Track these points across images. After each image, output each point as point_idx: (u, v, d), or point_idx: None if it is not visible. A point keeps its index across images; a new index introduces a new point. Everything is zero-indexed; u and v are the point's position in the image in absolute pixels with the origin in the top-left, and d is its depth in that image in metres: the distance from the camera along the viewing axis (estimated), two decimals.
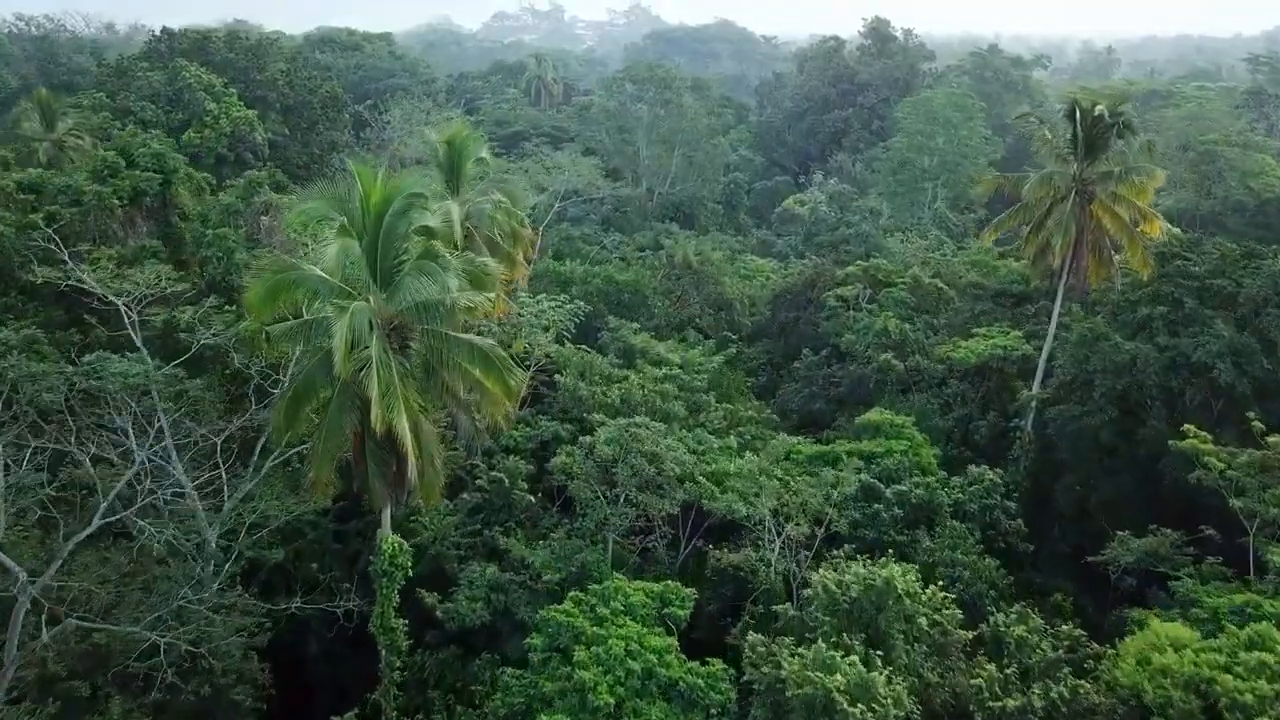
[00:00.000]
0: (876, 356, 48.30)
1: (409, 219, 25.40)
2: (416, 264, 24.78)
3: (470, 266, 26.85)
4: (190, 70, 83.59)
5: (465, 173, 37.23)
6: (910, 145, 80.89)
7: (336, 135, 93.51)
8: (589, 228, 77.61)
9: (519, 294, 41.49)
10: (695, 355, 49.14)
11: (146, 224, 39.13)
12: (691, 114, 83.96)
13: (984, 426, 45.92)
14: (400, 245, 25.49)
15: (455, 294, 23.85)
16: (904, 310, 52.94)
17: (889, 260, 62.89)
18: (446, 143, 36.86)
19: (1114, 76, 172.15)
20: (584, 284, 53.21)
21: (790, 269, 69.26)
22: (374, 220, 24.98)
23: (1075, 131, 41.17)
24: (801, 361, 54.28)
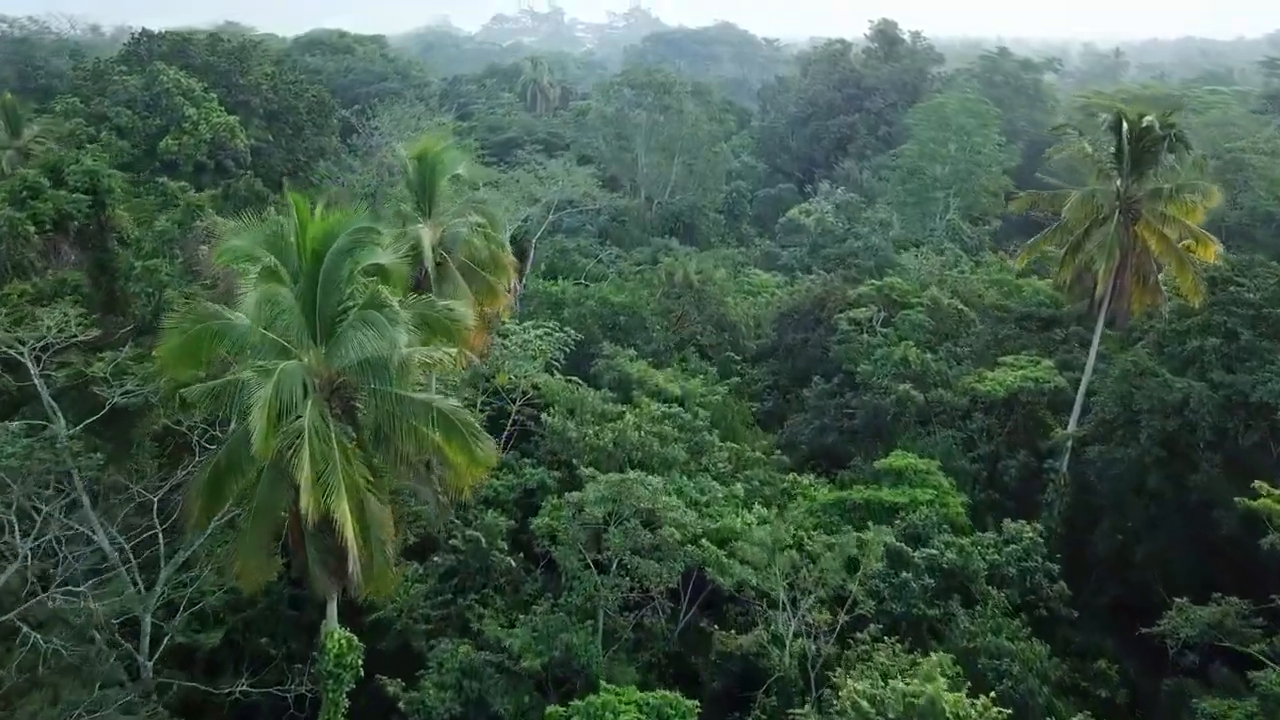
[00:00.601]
0: (894, 387, 43.75)
1: (355, 258, 20.91)
2: (360, 314, 20.29)
3: (432, 312, 22.37)
4: (169, 74, 78.98)
5: (439, 192, 32.71)
6: (921, 153, 76.33)
7: (324, 141, 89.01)
8: (585, 239, 73.10)
9: (503, 323, 36.92)
10: (696, 385, 44.67)
11: (76, 253, 34.69)
12: (692, 120, 79.42)
13: (1014, 467, 41.41)
14: (344, 290, 21.03)
15: (406, 350, 19.32)
16: (922, 335, 48.43)
17: (903, 277, 58.34)
18: (417, 159, 32.35)
19: (1122, 80, 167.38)
20: (576, 306, 48.70)
21: (797, 285, 64.71)
22: (311, 261, 20.49)
23: (1120, 145, 36.60)
24: (812, 389, 49.74)
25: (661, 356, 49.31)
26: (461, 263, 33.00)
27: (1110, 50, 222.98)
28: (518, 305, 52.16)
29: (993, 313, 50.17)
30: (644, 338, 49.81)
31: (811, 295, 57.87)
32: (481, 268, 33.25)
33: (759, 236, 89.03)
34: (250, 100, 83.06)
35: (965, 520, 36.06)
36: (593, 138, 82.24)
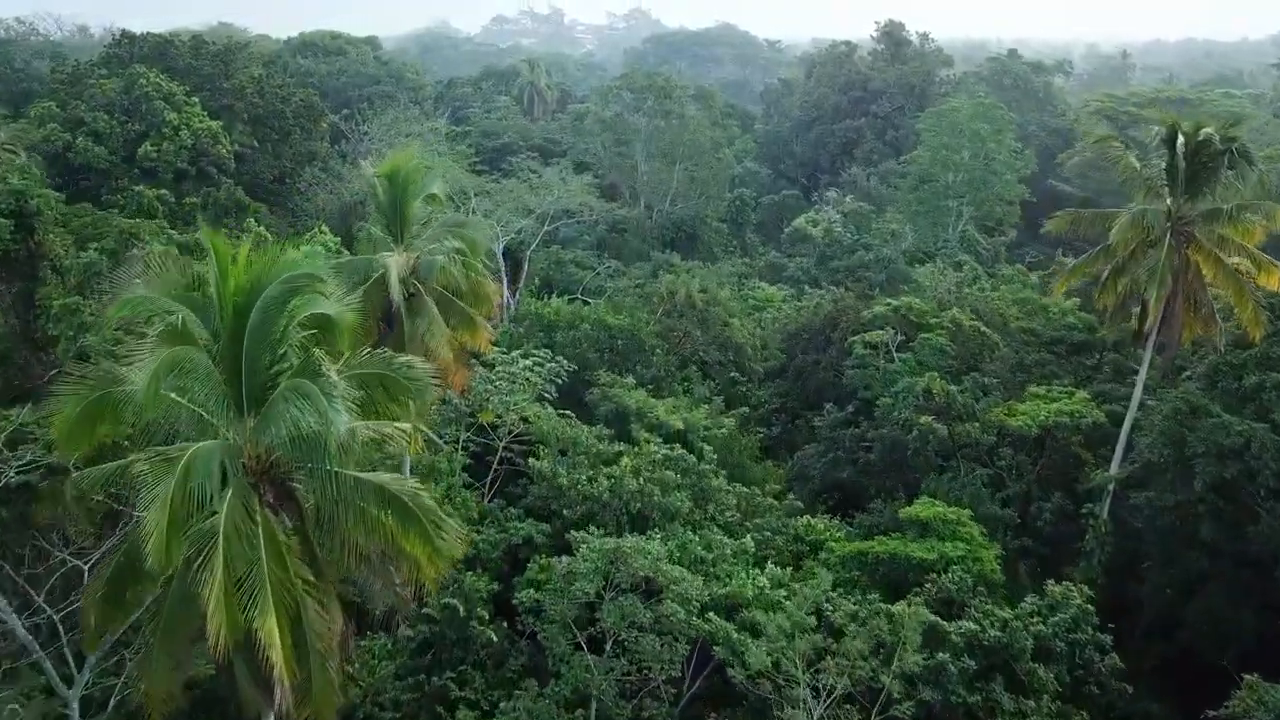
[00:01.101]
0: (916, 419, 39.71)
1: (289, 311, 16.90)
2: (291, 384, 16.28)
3: (387, 371, 18.32)
4: (148, 77, 74.93)
5: (411, 214, 28.72)
6: (933, 160, 72.28)
7: (313, 146, 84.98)
8: (582, 249, 69.09)
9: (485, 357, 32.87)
10: (699, 418, 40.67)
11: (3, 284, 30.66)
12: (694, 125, 75.36)
13: (1048, 510, 37.41)
14: (277, 349, 17.01)
15: (344, 427, 15.34)
16: (944, 360, 44.42)
17: (917, 294, 54.35)
18: (386, 177, 28.34)
19: (1129, 82, 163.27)
20: (570, 329, 44.70)
21: (805, 300, 60.75)
22: (234, 316, 16.50)
23: (1175, 161, 32.53)
24: (824, 418, 45.74)
25: (662, 383, 45.32)
26: (438, 293, 29.02)
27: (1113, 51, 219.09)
28: (510, 325, 48.20)
29: (1018, 336, 46.15)
30: (643, 361, 45.81)
31: (822, 314, 53.91)
32: (460, 298, 29.24)
33: (762, 244, 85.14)
34: (234, 104, 78.98)
35: (999, 576, 32.13)
36: (591, 143, 78.21)
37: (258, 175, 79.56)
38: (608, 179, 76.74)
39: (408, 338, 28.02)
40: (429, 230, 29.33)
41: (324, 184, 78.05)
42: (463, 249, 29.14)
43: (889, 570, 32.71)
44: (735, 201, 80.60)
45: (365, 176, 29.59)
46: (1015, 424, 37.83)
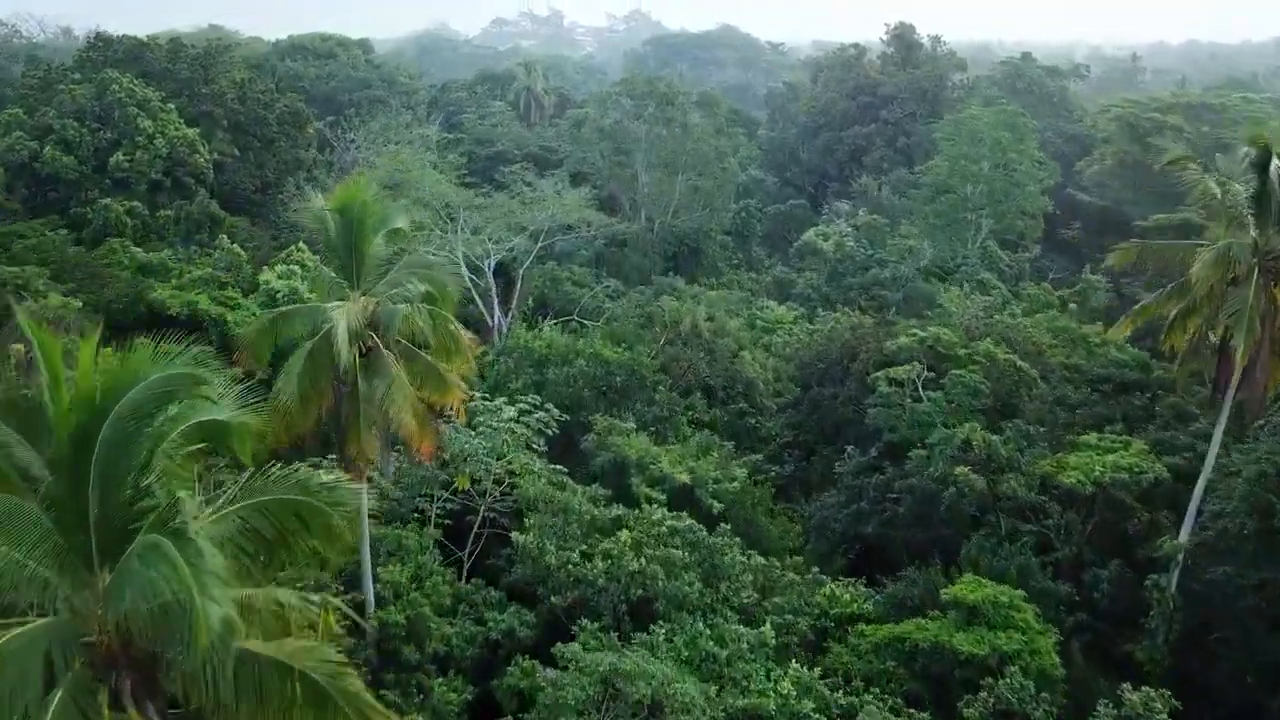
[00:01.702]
0: (951, 470, 34.79)
1: (159, 428, 11.99)
2: (146, 539, 11.37)
3: (302, 497, 13.40)
4: (121, 82, 69.95)
5: (369, 254, 23.79)
6: (952, 170, 67.30)
7: (299, 155, 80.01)
8: (579, 265, 64.14)
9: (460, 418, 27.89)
10: (708, 469, 35.80)
11: None
12: (697, 134, 70.36)
13: (1105, 580, 32.48)
14: (140, 481, 12.09)
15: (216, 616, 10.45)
16: (977, 400, 39.53)
17: (940, 318, 49.47)
18: (338, 211, 23.44)
19: (1139, 85, 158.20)
20: (564, 364, 39.81)
21: (818, 323, 55.85)
22: (74, 441, 11.57)
23: (1265, 188, 27.58)
24: (845, 463, 40.87)
25: (665, 425, 40.41)
26: (401, 346, 24.10)
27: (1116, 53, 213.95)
28: (497, 357, 43.30)
29: (1059, 371, 41.25)
30: (644, 398, 40.90)
31: (839, 342, 49.02)
32: (428, 350, 24.30)
33: (768, 256, 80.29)
34: (214, 111, 73.99)
35: (1059, 671, 27.29)
36: (589, 153, 73.20)
37: (238, 186, 74.65)
38: (606, 190, 71.81)
39: (363, 400, 23.14)
40: (391, 272, 24.36)
41: (308, 195, 72.91)
42: (432, 293, 24.20)
43: (930, 662, 27.90)
44: (740, 213, 75.67)
45: (313, 210, 24.50)
46: (1068, 481, 32.87)
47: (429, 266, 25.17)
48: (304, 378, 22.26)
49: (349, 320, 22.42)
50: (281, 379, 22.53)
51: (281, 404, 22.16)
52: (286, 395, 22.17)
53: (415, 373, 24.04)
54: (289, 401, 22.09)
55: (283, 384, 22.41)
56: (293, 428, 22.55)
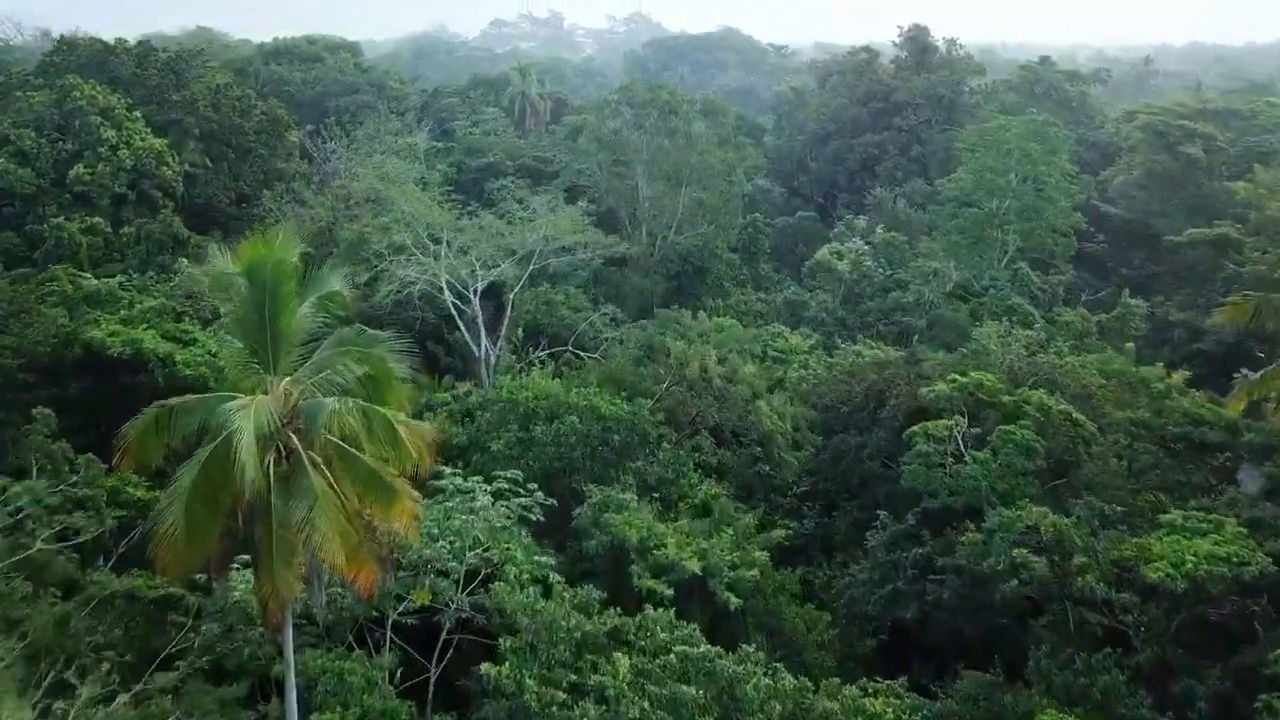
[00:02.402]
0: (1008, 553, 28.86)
1: None
2: None
3: None
4: (83, 89, 64.06)
5: (289, 329, 17.90)
6: (978, 184, 61.28)
7: (280, 165, 74.00)
8: (575, 286, 58.07)
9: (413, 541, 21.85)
10: (723, 550, 29.91)
11: None
12: (702, 145, 64.31)
13: (1201, 696, 26.53)
14: None
15: None
16: (1030, 461, 33.59)
17: (977, 355, 43.48)
18: (246, 275, 17.53)
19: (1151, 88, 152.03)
20: (553, 418, 33.88)
21: (837, 356, 49.88)
22: None
23: None
24: (876, 532, 34.99)
25: (671, 487, 34.47)
26: (333, 448, 18.10)
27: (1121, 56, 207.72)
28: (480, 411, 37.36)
29: (1123, 425, 35.29)
30: (646, 456, 34.94)
31: (864, 381, 43.11)
32: (368, 452, 18.34)
33: (776, 271, 74.25)
34: (184, 119, 68.04)
35: None
36: (586, 164, 67.17)
37: (212, 199, 68.74)
38: (605, 204, 65.81)
39: (278, 525, 17.21)
40: (320, 350, 18.39)
41: (286, 209, 67.05)
42: (374, 375, 18.22)
43: None
44: (748, 228, 69.67)
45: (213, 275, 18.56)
46: (1154, 576, 26.92)
47: (372, 342, 19.09)
48: (195, 500, 16.45)
49: (259, 420, 16.44)
50: (165, 500, 16.60)
51: (165, 533, 16.21)
52: (171, 523, 16.23)
53: (352, 483, 18.08)
54: (174, 531, 16.14)
55: (167, 506, 16.49)
56: (182, 563, 16.60)
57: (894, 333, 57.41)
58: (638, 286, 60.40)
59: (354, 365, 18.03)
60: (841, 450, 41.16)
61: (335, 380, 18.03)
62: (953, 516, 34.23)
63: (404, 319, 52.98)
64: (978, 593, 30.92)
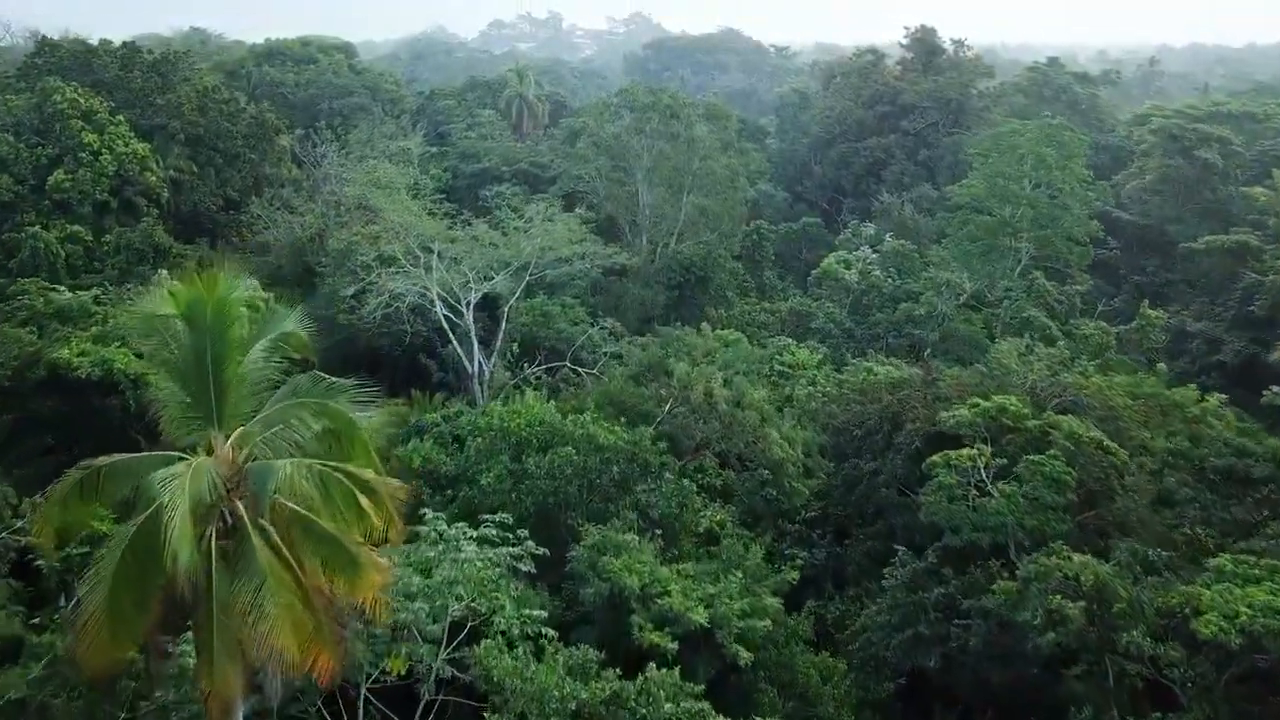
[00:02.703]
0: (1045, 604, 26.31)
1: None
2: None
3: None
4: (64, 92, 61.49)
5: (236, 379, 15.34)
6: (990, 190, 58.69)
7: (271, 169, 71.43)
8: (573, 295, 55.46)
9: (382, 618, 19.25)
10: (731, 596, 27.32)
11: None
12: (704, 150, 61.69)
13: None
14: None
15: None
16: (1061, 494, 31.03)
17: (997, 374, 40.91)
18: (185, 319, 14.93)
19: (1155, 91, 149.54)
20: (546, 448, 31.32)
21: (847, 371, 47.35)
22: None
23: None
24: (895, 570, 32.40)
25: (674, 521, 31.89)
26: (288, 514, 15.52)
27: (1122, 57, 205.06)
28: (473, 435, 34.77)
29: (1164, 457, 32.70)
30: (647, 487, 32.32)
31: (877, 401, 40.53)
32: (329, 518, 15.75)
33: (781, 279, 71.74)
34: (169, 123, 65.43)
35: None
36: (584, 170, 64.56)
37: (198, 205, 66.16)
38: (604, 211, 63.21)
39: (219, 609, 14.60)
40: (272, 402, 15.80)
41: (275, 215, 64.52)
42: (334, 429, 15.65)
43: None
44: (752, 235, 67.13)
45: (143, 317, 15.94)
46: (1207, 631, 24.36)
47: (328, 391, 16.47)
48: (120, 588, 13.85)
49: (197, 489, 13.85)
50: (85, 586, 14.02)
51: (86, 626, 13.64)
52: (93, 614, 13.64)
53: (309, 554, 15.50)
54: (96, 624, 13.57)
55: (88, 594, 13.90)
56: (107, 658, 14.02)
57: (904, 346, 54.90)
58: (638, 297, 57.81)
59: (311, 420, 15.49)
60: (855, 476, 38.63)
61: (291, 436, 15.49)
62: (977, 553, 31.72)
63: (394, 332, 50.56)
64: (1006, 639, 28.38)
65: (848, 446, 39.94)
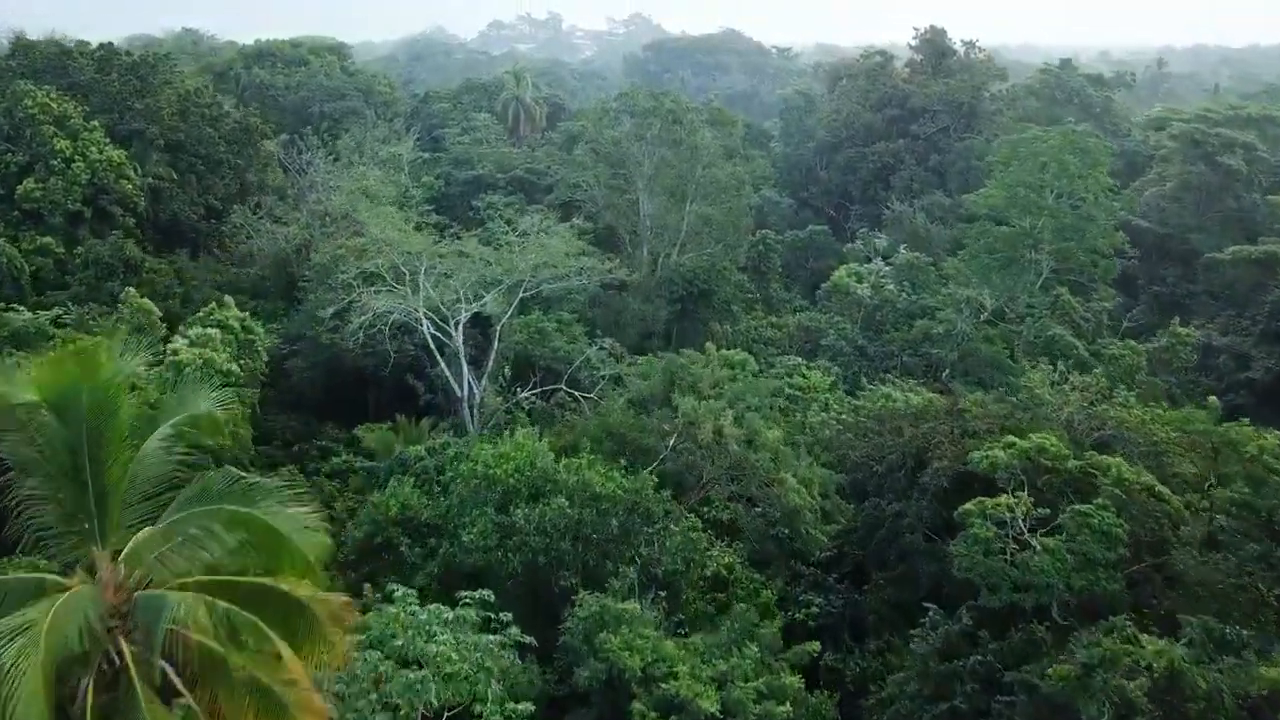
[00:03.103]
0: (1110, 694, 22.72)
1: None
2: None
3: None
4: (35, 97, 57.87)
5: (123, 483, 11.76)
6: (1011, 200, 55.08)
7: (256, 176, 67.79)
8: (570, 311, 51.88)
9: None
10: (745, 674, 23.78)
11: None
12: (708, 157, 58.06)
13: None
14: None
15: None
16: (1112, 550, 27.48)
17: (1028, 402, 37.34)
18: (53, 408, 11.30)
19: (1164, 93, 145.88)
20: (537, 498, 27.76)
21: (863, 397, 43.77)
22: None
23: None
24: (925, 634, 28.82)
25: (679, 582, 28.34)
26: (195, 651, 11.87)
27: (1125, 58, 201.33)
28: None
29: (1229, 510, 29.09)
30: (649, 541, 28.75)
31: (898, 433, 36.93)
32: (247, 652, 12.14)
33: (787, 289, 68.18)
34: (148, 128, 61.75)
35: None
36: (582, 177, 60.96)
37: (178, 214, 62.48)
38: (603, 221, 59.62)
39: None
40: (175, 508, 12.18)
41: (259, 224, 60.94)
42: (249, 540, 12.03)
43: None
44: (758, 245, 63.54)
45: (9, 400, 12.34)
46: None
47: (247, 494, 12.82)
48: None
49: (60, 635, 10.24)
50: None
51: None
52: None
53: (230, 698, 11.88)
54: None
55: None
56: None
57: (921, 366, 51.37)
58: (639, 312, 54.23)
59: (224, 532, 11.95)
60: (876, 518, 35.04)
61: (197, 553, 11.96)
62: (1017, 614, 28.21)
63: (379, 352, 47.01)
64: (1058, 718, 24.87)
65: (867, 483, 36.38)
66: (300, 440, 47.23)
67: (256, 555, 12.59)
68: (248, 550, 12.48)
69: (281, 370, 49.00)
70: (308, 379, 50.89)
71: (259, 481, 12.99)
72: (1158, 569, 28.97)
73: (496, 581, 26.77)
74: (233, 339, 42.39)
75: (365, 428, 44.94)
